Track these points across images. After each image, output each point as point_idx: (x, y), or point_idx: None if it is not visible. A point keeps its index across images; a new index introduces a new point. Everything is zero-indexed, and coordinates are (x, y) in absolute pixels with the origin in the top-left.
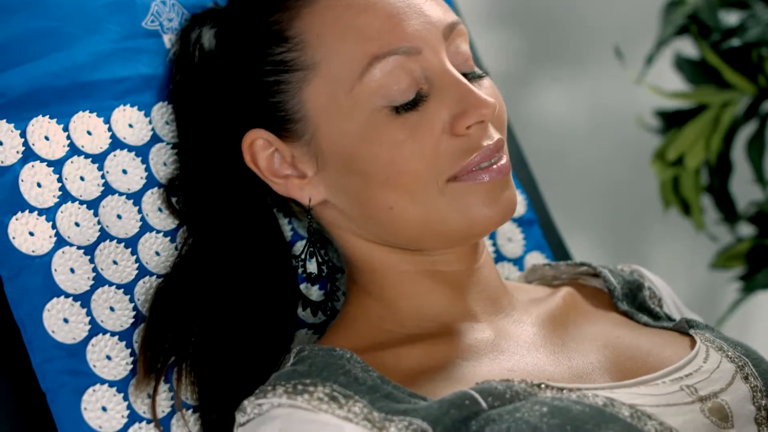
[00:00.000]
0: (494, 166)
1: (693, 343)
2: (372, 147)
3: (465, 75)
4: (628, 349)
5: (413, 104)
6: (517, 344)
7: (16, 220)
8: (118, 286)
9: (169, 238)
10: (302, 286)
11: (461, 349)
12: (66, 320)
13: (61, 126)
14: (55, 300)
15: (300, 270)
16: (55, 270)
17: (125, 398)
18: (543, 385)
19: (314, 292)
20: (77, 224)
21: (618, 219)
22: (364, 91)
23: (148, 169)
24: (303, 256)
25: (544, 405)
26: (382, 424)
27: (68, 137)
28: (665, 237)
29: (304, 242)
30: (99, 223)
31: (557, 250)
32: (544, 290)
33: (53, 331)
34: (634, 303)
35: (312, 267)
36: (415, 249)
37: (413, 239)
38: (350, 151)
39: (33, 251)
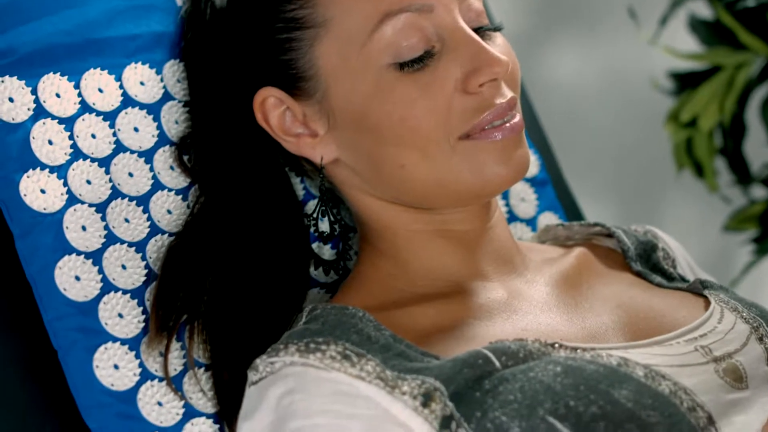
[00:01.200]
0: (507, 124)
1: (707, 303)
2: (384, 105)
3: (478, 29)
4: (641, 309)
5: (420, 60)
6: (530, 304)
7: (28, 177)
8: (130, 244)
9: (180, 197)
10: (314, 246)
11: (474, 308)
12: (78, 278)
13: (73, 83)
14: (66, 257)
15: (312, 229)
16: (67, 227)
17: (137, 356)
18: (557, 345)
19: (326, 252)
20: (89, 182)
21: (631, 181)
22: (375, 49)
23: (159, 127)
24: (315, 215)
25: (558, 364)
26: (395, 383)
27: (79, 95)
28: (678, 199)
29: (316, 201)
30: (110, 180)
31: (570, 210)
32: (557, 250)
33: (65, 289)
34: (647, 264)
35: (324, 226)
36: (427, 208)
37: (425, 198)
38: (361, 109)
39: (44, 209)
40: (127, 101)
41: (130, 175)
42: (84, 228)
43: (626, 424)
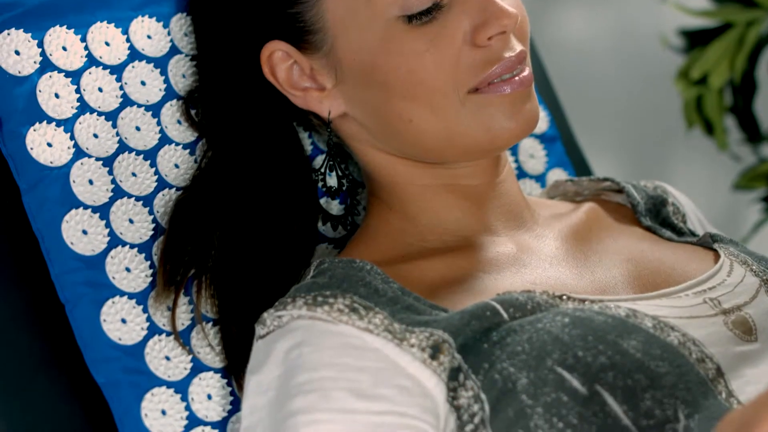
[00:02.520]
0: (516, 78)
1: (717, 257)
2: (391, 58)
3: None
4: (651, 262)
5: (428, 13)
6: (538, 258)
7: (34, 130)
8: (137, 198)
9: (188, 151)
10: (322, 201)
11: (482, 262)
12: (85, 232)
13: (79, 36)
14: (73, 211)
15: (320, 184)
16: (74, 181)
17: (144, 310)
18: (565, 297)
19: (334, 207)
20: (95, 135)
21: (640, 138)
22: (382, 2)
23: (166, 80)
24: (323, 170)
25: (566, 316)
26: (403, 336)
27: (86, 48)
28: (688, 157)
29: (324, 156)
30: (117, 134)
31: (579, 167)
32: (566, 206)
33: (72, 243)
34: (657, 218)
35: (332, 181)
36: (435, 162)
37: (433, 152)
38: (369, 62)
39: (51, 162)
40: (134, 55)
41: (137, 129)
42: (91, 182)
43: (635, 374)
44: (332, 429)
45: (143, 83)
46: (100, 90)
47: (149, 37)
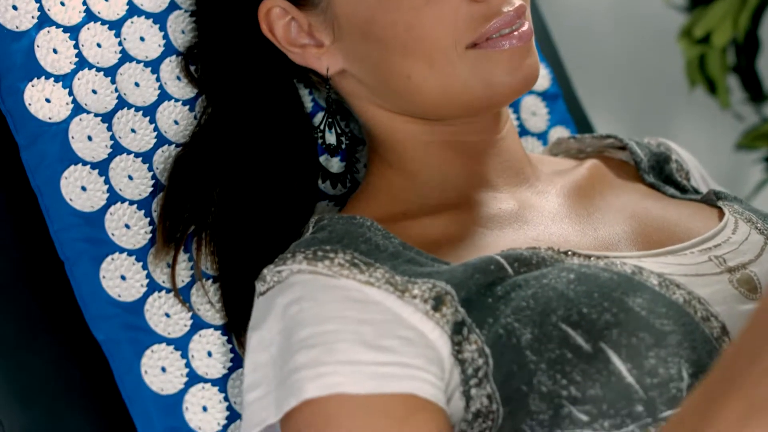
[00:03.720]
0: (515, 33)
1: (721, 214)
2: (389, 13)
3: None
4: (655, 220)
5: None
6: (541, 215)
7: (32, 86)
8: (137, 155)
9: (187, 107)
10: (322, 159)
11: (484, 218)
12: (84, 188)
13: None
14: (72, 168)
15: (319, 141)
16: (73, 137)
17: (144, 267)
18: (570, 253)
19: (335, 164)
20: (94, 91)
21: (642, 98)
22: None
23: (166, 36)
24: (322, 127)
25: (572, 271)
26: (405, 287)
27: (84, 2)
28: (690, 116)
29: (323, 113)
30: (116, 90)
31: (581, 125)
32: (568, 163)
33: (71, 199)
34: (660, 175)
35: (331, 138)
36: (435, 119)
37: (433, 108)
38: (367, 18)
39: (50, 118)
40: (133, 10)
41: (137, 85)
42: (90, 138)
43: (640, 332)
44: (338, 381)
45: (142, 39)
46: (99, 46)
47: None
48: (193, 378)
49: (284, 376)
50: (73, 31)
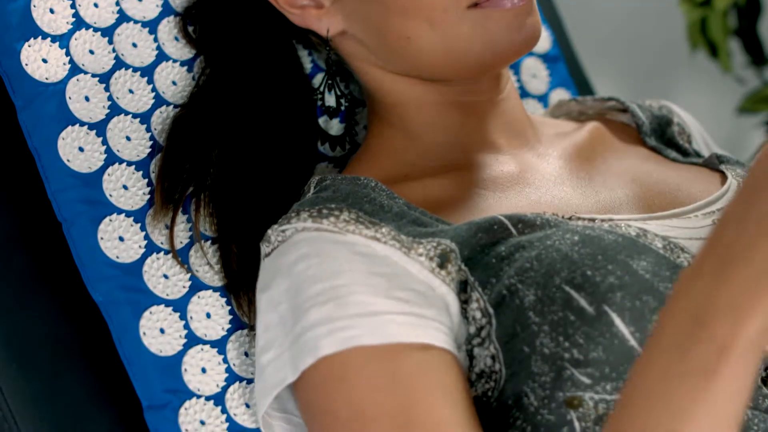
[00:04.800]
0: None
1: (724, 178)
2: None
3: None
4: (656, 183)
5: None
6: (542, 177)
7: (29, 46)
8: (135, 116)
9: (186, 68)
10: (321, 120)
11: (486, 180)
12: (81, 149)
13: None
14: (70, 128)
15: (319, 103)
16: (70, 98)
17: (142, 228)
18: (573, 217)
19: (334, 126)
20: (91, 52)
21: (643, 61)
22: None
23: None
24: (322, 89)
25: (576, 233)
26: (410, 245)
27: None
28: (691, 80)
29: (323, 75)
30: (114, 51)
31: (582, 88)
32: (570, 125)
33: (68, 160)
34: (662, 138)
35: (330, 100)
36: (437, 80)
37: (434, 69)
38: None
39: (46, 78)
40: None
41: (134, 45)
42: (87, 98)
43: (643, 295)
44: (353, 335)
45: None
46: (96, 5)
47: None
48: (192, 339)
49: (297, 335)
50: None
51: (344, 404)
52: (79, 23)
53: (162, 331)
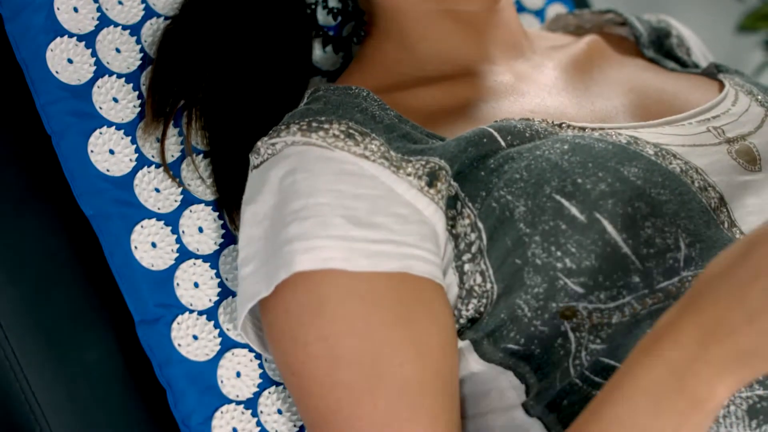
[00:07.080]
0: None
1: (721, 87)
2: None
3: None
4: (654, 92)
5: None
6: (537, 87)
7: None
8: (124, 27)
9: None
10: (321, 18)
11: (480, 90)
12: (70, 60)
13: None
14: (58, 39)
15: (321, 6)
16: (58, 8)
17: (133, 141)
18: (564, 125)
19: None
20: None
21: None
22: None
23: None
24: None
25: (565, 142)
26: (399, 164)
27: None
28: None
29: None
30: None
31: (579, 1)
32: (567, 38)
33: (57, 72)
34: (661, 50)
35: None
36: None
37: None
38: None
39: None
40: None
41: None
42: (76, 9)
43: (635, 201)
44: (330, 255)
45: None
46: None
47: None
48: (184, 254)
49: (276, 248)
50: None
51: (317, 338)
52: None
53: (153, 245)
